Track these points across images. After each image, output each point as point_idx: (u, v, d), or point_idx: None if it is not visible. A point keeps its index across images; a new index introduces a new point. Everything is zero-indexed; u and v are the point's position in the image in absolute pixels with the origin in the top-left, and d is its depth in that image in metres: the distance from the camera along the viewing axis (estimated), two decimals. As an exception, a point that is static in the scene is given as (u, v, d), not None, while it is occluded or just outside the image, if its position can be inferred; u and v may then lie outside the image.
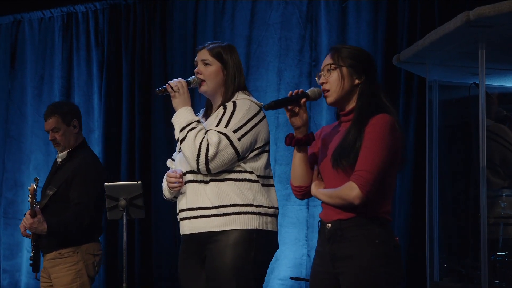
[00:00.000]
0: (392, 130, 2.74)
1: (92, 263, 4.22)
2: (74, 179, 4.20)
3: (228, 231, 3.09)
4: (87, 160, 4.30)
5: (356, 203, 2.70)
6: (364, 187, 2.67)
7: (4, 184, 6.67)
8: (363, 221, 2.75)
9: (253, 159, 3.17)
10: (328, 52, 2.93)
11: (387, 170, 2.74)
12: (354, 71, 2.85)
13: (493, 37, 3.48)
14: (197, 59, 3.28)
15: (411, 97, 5.15)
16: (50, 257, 4.20)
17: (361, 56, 2.88)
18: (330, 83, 2.85)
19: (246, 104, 3.17)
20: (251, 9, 5.86)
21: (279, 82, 5.70)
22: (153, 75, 6.14)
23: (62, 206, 4.18)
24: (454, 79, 4.44)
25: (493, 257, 4.02)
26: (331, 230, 2.80)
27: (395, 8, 5.30)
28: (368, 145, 2.71)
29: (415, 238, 4.93)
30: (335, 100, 2.87)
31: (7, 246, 6.57)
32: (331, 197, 2.78)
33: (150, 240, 6.00)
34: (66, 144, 4.34)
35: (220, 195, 3.11)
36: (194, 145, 3.06)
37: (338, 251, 2.77)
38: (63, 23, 6.59)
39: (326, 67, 2.87)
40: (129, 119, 6.18)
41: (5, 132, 6.75)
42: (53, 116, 4.33)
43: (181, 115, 3.16)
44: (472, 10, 3.28)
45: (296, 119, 2.85)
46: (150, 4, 6.24)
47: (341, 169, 2.76)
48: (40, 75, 6.66)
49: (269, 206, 3.17)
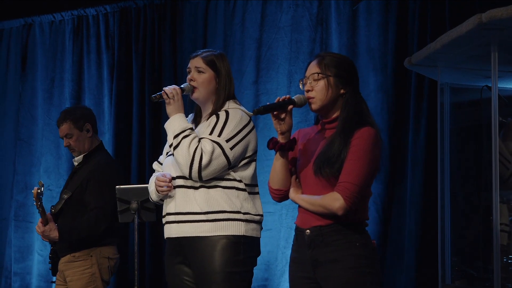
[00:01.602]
0: (376, 143, 2.82)
1: (107, 267, 4.22)
2: (89, 182, 4.21)
3: (215, 237, 3.16)
4: (101, 162, 4.31)
5: (340, 213, 2.77)
6: (348, 199, 2.75)
7: (15, 187, 6.68)
8: (341, 227, 2.83)
9: (243, 168, 3.26)
10: (313, 59, 2.98)
11: (369, 181, 2.84)
12: (340, 81, 2.90)
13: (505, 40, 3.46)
14: (190, 66, 3.37)
15: (422, 99, 5.14)
16: (65, 260, 4.22)
17: (347, 66, 2.95)
18: (316, 92, 2.91)
19: (238, 114, 3.25)
20: (261, 12, 5.86)
21: (290, 85, 5.69)
22: (163, 78, 6.15)
23: (77, 209, 4.19)
24: (466, 81, 4.42)
25: (506, 260, 4.01)
26: (311, 236, 2.87)
27: (406, 10, 5.29)
28: (354, 157, 2.78)
29: (427, 240, 4.92)
30: (319, 108, 2.93)
31: (17, 248, 6.59)
32: (313, 204, 2.85)
33: (161, 243, 5.99)
34: (81, 149, 4.35)
35: (209, 201, 3.18)
36: (188, 152, 3.13)
37: (320, 256, 2.83)
38: (74, 26, 6.60)
39: (313, 75, 2.92)
40: (139, 122, 6.19)
41: (15, 135, 6.77)
42: (65, 123, 4.35)
43: (175, 122, 3.23)
44: (485, 12, 3.27)
45: (282, 125, 2.92)
46: (160, 7, 6.25)
47: (323, 177, 2.84)
48: (50, 78, 6.67)
49: (255, 213, 3.26)
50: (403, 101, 5.26)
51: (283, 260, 5.57)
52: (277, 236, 5.59)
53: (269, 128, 5.45)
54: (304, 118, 5.51)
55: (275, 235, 5.56)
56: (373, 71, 5.35)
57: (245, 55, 5.86)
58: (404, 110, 5.26)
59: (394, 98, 5.29)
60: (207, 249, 3.16)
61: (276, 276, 5.60)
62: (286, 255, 5.56)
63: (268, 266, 5.58)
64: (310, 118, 5.52)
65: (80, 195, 4.20)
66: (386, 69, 5.33)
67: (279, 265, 5.58)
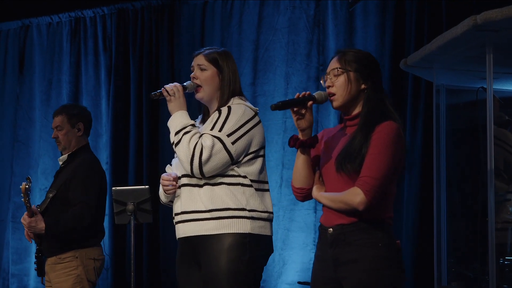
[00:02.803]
0: (398, 137, 2.76)
1: (92, 268, 4.21)
2: (72, 180, 4.21)
3: (221, 235, 3.11)
4: (85, 161, 4.31)
5: (360, 208, 2.70)
6: (369, 193, 2.69)
7: (13, 188, 6.68)
8: (365, 226, 2.76)
9: (247, 163, 3.19)
10: (334, 55, 2.93)
11: (391, 177, 2.76)
12: (361, 76, 2.85)
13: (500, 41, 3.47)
14: (193, 64, 3.33)
15: (419, 101, 5.14)
16: (51, 261, 4.22)
17: (368, 61, 2.89)
18: (336, 87, 2.86)
19: (241, 109, 3.19)
20: (258, 14, 5.87)
21: (287, 87, 5.70)
22: (161, 80, 6.16)
23: (62, 208, 4.19)
24: (462, 83, 4.43)
25: (502, 261, 4.01)
26: (333, 235, 2.80)
27: (403, 12, 5.31)
28: (375, 151, 2.72)
29: (423, 242, 4.93)
30: (341, 104, 2.87)
31: (15, 250, 6.59)
32: (334, 201, 2.79)
33: (158, 245, 6.00)
34: (67, 144, 4.37)
35: (213, 198, 3.13)
36: (188, 148, 3.09)
37: (341, 256, 2.77)
38: (71, 28, 6.61)
39: (333, 71, 2.87)
40: (137, 124, 6.20)
41: (13, 136, 6.78)
42: (60, 115, 4.39)
43: (176, 119, 3.20)
44: (480, 14, 3.28)
45: (302, 121, 2.86)
46: (158, 8, 6.26)
47: (344, 173, 2.77)
48: (48, 80, 6.68)
49: (262, 210, 3.19)
50: (400, 102, 5.26)
51: (280, 262, 5.58)
52: (274, 237, 5.51)
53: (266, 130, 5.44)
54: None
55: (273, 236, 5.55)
56: (370, 73, 5.35)
57: (242, 57, 5.86)
58: (401, 111, 5.25)
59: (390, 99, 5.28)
60: (213, 247, 3.11)
61: (274, 277, 5.61)
62: (283, 257, 5.57)
63: (266, 267, 5.56)
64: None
65: (64, 193, 4.20)
66: (383, 71, 5.29)
67: (276, 267, 5.58)
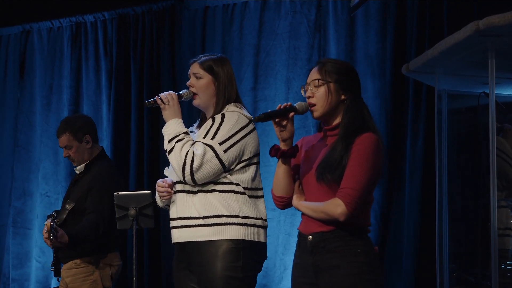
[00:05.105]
0: (377, 149, 2.82)
1: (108, 274, 4.22)
2: (90, 191, 4.21)
3: (215, 242, 3.16)
4: (102, 171, 4.31)
5: (341, 219, 2.77)
6: (350, 205, 2.75)
7: (13, 193, 6.67)
8: (344, 233, 2.83)
9: (240, 171, 3.23)
10: (314, 65, 2.99)
11: (370, 187, 2.83)
12: (341, 87, 2.91)
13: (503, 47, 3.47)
14: (189, 72, 3.37)
15: (420, 106, 5.15)
16: (67, 267, 4.22)
17: (348, 72, 2.95)
18: (317, 98, 2.92)
19: (234, 117, 3.23)
20: (260, 18, 5.87)
21: (288, 91, 5.70)
22: (162, 85, 6.15)
23: (80, 219, 4.19)
24: (464, 88, 4.43)
25: (503, 266, 4.01)
26: (313, 242, 2.87)
27: (404, 17, 5.31)
28: (355, 163, 2.78)
29: (425, 247, 4.93)
30: (321, 115, 2.94)
31: (15, 255, 6.58)
32: (316, 211, 2.86)
33: (159, 250, 5.99)
34: (80, 159, 4.36)
35: (206, 205, 3.18)
36: (180, 156, 3.14)
37: (322, 263, 2.84)
38: (72, 33, 6.61)
39: (313, 82, 2.93)
40: (138, 129, 6.19)
41: (14, 141, 6.77)
42: (65, 134, 4.35)
43: (170, 127, 3.24)
44: (482, 19, 3.28)
45: (284, 132, 2.92)
46: (159, 13, 6.25)
47: (325, 183, 2.84)
48: (49, 85, 6.68)
49: (256, 217, 3.23)
50: (401, 107, 5.27)
51: (281, 267, 5.57)
52: (275, 242, 5.59)
53: (267, 134, 5.45)
54: (302, 125, 5.52)
55: (273, 241, 5.56)
56: (371, 78, 5.36)
57: (243, 62, 5.86)
58: (402, 116, 5.27)
59: (392, 104, 5.30)
60: (207, 254, 3.16)
61: (274, 282, 5.60)
62: (284, 261, 5.56)
63: (266, 272, 5.58)
64: (308, 125, 5.53)
65: (82, 205, 4.21)
66: (384, 76, 5.34)
67: (277, 271, 5.58)
